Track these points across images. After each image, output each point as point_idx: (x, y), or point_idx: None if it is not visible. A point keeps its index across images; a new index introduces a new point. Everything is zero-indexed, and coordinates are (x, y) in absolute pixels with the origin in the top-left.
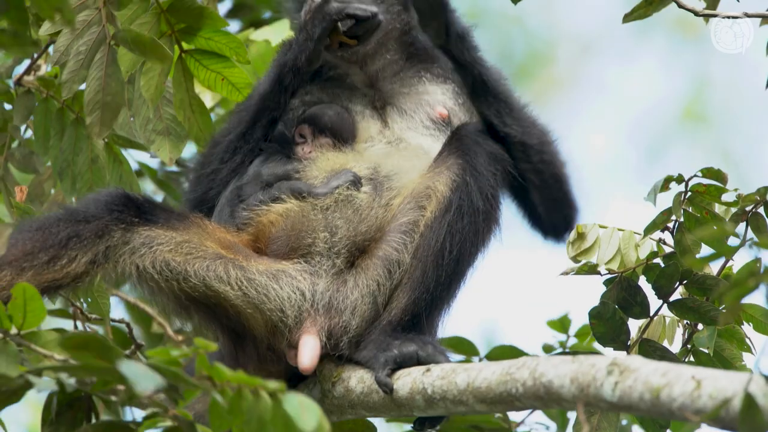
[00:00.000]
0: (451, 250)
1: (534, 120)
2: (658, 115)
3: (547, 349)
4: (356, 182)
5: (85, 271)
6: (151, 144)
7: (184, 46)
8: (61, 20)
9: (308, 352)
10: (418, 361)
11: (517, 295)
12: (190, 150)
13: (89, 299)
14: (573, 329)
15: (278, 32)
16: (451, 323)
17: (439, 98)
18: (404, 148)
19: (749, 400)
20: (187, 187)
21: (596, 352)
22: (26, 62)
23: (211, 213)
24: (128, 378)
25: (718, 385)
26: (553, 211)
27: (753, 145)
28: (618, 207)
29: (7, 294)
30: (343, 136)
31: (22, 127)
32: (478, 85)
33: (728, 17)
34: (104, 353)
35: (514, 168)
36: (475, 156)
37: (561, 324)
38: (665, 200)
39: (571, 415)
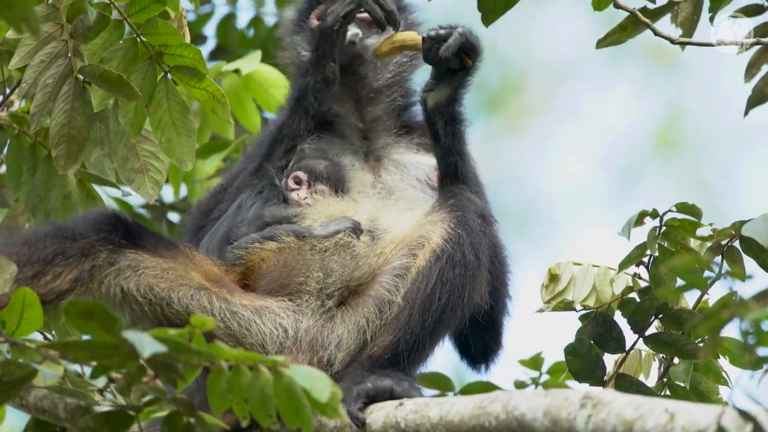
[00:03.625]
0: (440, 297)
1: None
2: (632, 142)
3: (519, 385)
4: (356, 230)
5: (70, 289)
6: (131, 183)
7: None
8: (27, 29)
9: None
10: (391, 396)
11: None
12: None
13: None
14: (545, 366)
15: (249, 63)
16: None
17: (433, 163)
18: (397, 199)
19: None
20: (187, 230)
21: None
22: None
23: None
24: (134, 343)
25: (692, 418)
26: (476, 340)
27: (726, 173)
28: (591, 234)
29: None
30: (338, 184)
31: None
32: (450, 176)
33: (703, 45)
34: (109, 323)
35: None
36: (468, 213)
37: (533, 363)
38: (640, 235)
39: None
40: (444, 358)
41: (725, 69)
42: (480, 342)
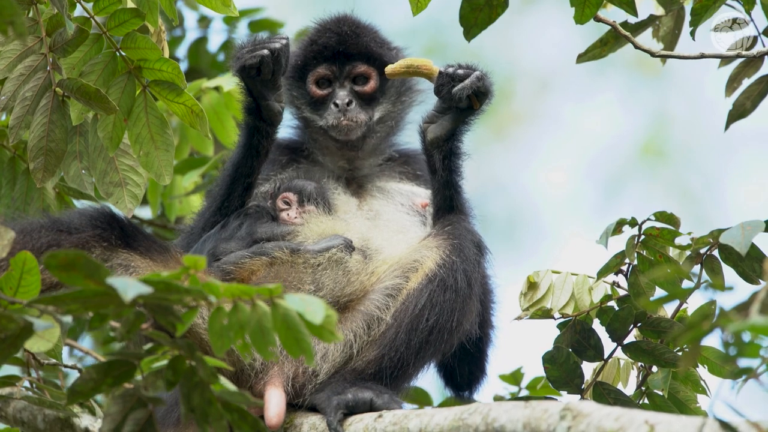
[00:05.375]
0: (428, 318)
1: (483, 275)
2: (617, 152)
3: (498, 399)
4: (348, 246)
5: (60, 283)
6: (109, 196)
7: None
8: (14, 33)
9: (274, 406)
10: (371, 408)
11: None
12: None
13: None
14: (525, 381)
15: (229, 80)
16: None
17: (416, 191)
18: (386, 221)
19: None
20: None
21: (549, 398)
22: None
23: None
24: (117, 288)
25: (672, 429)
26: (461, 367)
27: (711, 182)
28: (576, 244)
29: None
30: (326, 205)
31: None
32: (445, 207)
33: (685, 58)
34: (92, 272)
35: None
36: (464, 241)
37: (513, 377)
38: (619, 243)
39: None
40: (424, 374)
41: (710, 78)
42: (466, 369)
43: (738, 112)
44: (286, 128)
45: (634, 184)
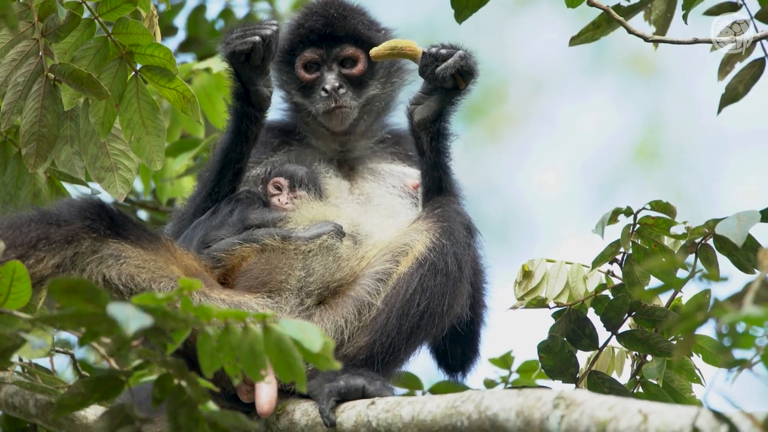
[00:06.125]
0: (419, 303)
1: (473, 256)
2: (611, 153)
3: (489, 384)
4: (339, 233)
5: (51, 275)
6: (101, 181)
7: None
8: (6, 25)
9: (266, 395)
10: (363, 395)
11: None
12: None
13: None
14: (515, 365)
15: (220, 61)
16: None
17: (408, 172)
18: (377, 206)
19: None
20: None
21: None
22: None
23: None
24: (118, 319)
25: (666, 419)
26: (453, 348)
27: (706, 183)
28: (570, 245)
29: None
30: (317, 190)
31: None
32: (434, 188)
33: (678, 43)
34: (93, 297)
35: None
36: (454, 224)
37: (504, 361)
38: (614, 233)
39: None
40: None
41: (705, 78)
42: (458, 351)
43: (730, 96)
44: (278, 110)
45: (628, 185)
